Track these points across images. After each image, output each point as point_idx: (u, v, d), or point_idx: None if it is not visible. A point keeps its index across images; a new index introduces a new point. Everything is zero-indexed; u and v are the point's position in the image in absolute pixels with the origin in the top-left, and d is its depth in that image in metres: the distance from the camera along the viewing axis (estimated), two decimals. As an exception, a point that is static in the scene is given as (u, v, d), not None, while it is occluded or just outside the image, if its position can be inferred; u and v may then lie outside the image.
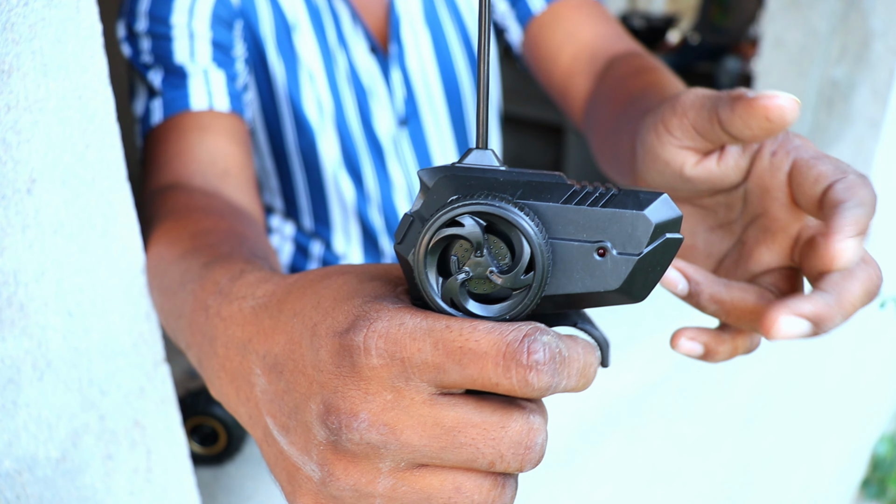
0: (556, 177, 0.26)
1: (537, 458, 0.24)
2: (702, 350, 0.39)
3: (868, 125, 1.19)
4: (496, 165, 0.26)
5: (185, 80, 0.66)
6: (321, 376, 0.25)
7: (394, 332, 0.23)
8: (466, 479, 0.24)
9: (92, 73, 0.40)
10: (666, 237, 0.26)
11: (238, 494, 0.64)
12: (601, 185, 0.27)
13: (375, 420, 0.23)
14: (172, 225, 0.49)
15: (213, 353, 0.32)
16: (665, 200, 0.26)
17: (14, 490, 0.42)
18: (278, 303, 0.29)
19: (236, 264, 0.37)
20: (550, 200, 0.25)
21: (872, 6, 1.13)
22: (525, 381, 0.22)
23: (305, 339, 0.26)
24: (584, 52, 0.73)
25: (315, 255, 0.85)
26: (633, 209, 0.26)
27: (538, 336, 0.23)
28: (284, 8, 0.74)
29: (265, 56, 0.74)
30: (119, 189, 0.43)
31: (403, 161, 0.82)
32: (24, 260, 0.39)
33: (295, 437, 0.26)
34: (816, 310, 0.31)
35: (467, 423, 0.24)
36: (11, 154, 0.37)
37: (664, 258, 0.26)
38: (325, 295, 0.27)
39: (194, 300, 0.36)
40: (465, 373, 0.23)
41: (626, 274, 0.25)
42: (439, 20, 0.81)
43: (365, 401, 0.24)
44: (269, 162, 0.81)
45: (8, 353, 0.40)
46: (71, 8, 0.38)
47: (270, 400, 0.27)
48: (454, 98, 0.83)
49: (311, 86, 0.75)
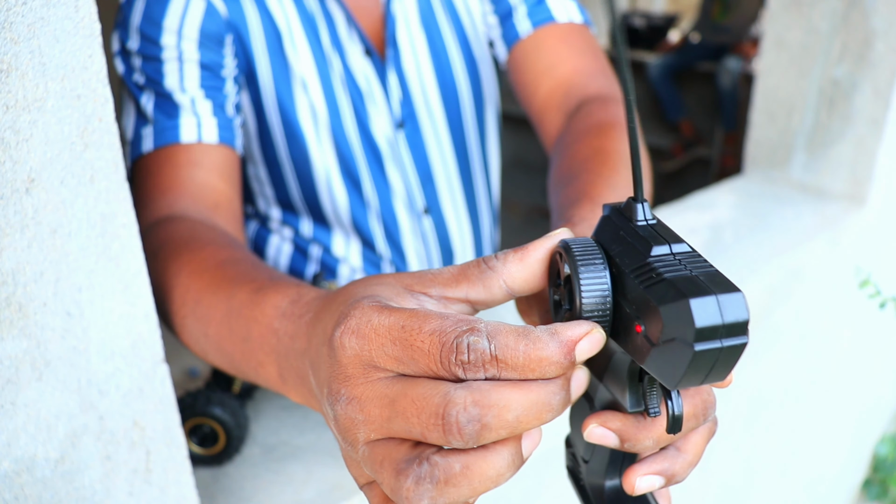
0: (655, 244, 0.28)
1: (456, 430, 0.26)
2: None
3: (869, 125, 1.19)
4: (643, 221, 0.29)
5: (175, 110, 0.67)
6: (325, 369, 0.31)
7: (363, 328, 0.29)
8: (405, 451, 0.28)
9: (91, 73, 0.40)
10: (704, 344, 0.24)
11: (237, 495, 0.64)
12: (696, 263, 0.26)
13: (350, 396, 0.29)
14: (191, 257, 0.53)
15: (290, 367, 0.38)
16: (710, 301, 0.24)
17: (12, 491, 0.42)
18: (317, 314, 0.36)
19: (290, 287, 0.42)
20: (629, 266, 0.28)
21: (874, 5, 1.13)
22: (455, 374, 0.27)
23: (319, 343, 0.33)
24: (561, 88, 0.75)
25: (314, 256, 0.85)
26: (668, 301, 0.25)
27: (465, 337, 0.26)
28: (275, 15, 0.73)
29: (255, 68, 0.74)
30: (118, 189, 0.43)
31: (401, 164, 0.82)
32: (22, 260, 0.39)
33: (327, 421, 0.32)
34: (662, 467, 0.34)
35: (404, 396, 0.27)
36: (10, 154, 0.37)
37: (706, 361, 0.24)
38: (335, 300, 0.33)
39: (259, 326, 0.42)
40: (418, 366, 0.27)
41: (647, 357, 0.27)
42: (436, 22, 0.80)
43: (345, 383, 0.29)
44: (263, 171, 0.81)
45: (6, 353, 0.39)
46: (70, 7, 0.38)
47: (317, 393, 0.33)
48: (451, 100, 0.82)
49: (304, 94, 0.75)
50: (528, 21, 0.78)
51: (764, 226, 1.16)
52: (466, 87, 0.83)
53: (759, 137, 1.35)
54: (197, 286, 0.49)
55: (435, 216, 0.86)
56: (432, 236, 0.87)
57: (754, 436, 1.24)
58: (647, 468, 0.34)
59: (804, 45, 1.23)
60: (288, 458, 0.68)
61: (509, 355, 0.26)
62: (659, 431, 0.32)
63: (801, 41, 1.23)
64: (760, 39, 2.27)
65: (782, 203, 1.25)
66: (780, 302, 1.11)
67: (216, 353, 0.48)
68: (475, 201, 0.90)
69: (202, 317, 0.48)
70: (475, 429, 0.26)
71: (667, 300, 0.25)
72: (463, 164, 0.87)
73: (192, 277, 0.50)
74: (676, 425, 0.29)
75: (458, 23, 0.82)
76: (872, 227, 1.28)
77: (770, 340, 1.14)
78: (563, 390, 0.28)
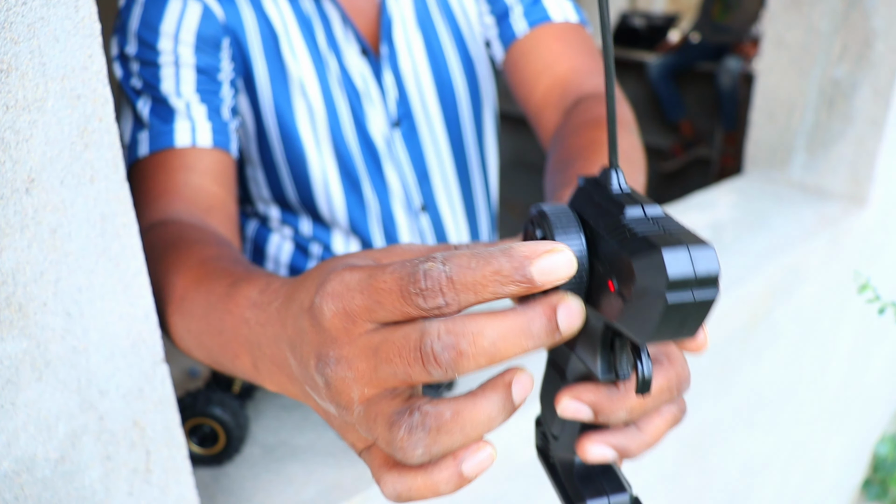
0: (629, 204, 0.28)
1: (433, 358, 0.26)
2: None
3: (869, 125, 1.19)
4: (618, 189, 0.30)
5: (171, 115, 0.68)
6: (309, 340, 0.31)
7: (338, 289, 0.29)
8: (397, 404, 0.28)
9: (91, 73, 0.40)
10: (675, 295, 0.24)
11: (237, 496, 0.64)
12: (669, 223, 0.27)
13: (338, 356, 0.29)
14: (177, 257, 0.54)
15: (263, 355, 0.38)
16: (682, 253, 0.24)
17: (12, 491, 0.42)
18: (287, 297, 0.36)
19: (261, 278, 0.43)
20: (603, 227, 0.28)
21: (874, 5, 1.13)
22: (419, 305, 0.27)
23: (298, 318, 0.33)
24: (558, 86, 0.76)
25: (315, 254, 0.85)
26: (641, 254, 0.25)
27: (421, 267, 0.27)
28: (272, 18, 0.73)
29: (252, 72, 0.74)
30: (118, 189, 0.43)
31: (398, 163, 0.82)
32: (22, 260, 0.39)
33: (318, 393, 0.32)
34: (618, 442, 0.34)
35: (385, 341, 0.28)
36: (10, 154, 0.37)
37: (677, 314, 0.25)
38: (309, 276, 0.34)
39: (231, 317, 0.42)
40: (386, 308, 0.28)
41: (620, 313, 0.27)
42: (432, 21, 0.80)
43: (332, 346, 0.29)
44: (261, 173, 0.81)
45: (6, 353, 0.39)
46: (70, 7, 0.38)
47: (300, 373, 0.33)
48: (447, 98, 0.83)
49: (302, 97, 0.75)
50: (525, 21, 0.79)
51: (764, 226, 1.16)
52: (463, 85, 0.83)
53: (759, 137, 1.35)
54: (182, 284, 0.50)
55: (432, 214, 0.86)
56: (430, 234, 0.87)
57: (754, 436, 1.24)
58: (602, 438, 0.34)
59: (804, 45, 1.23)
60: (288, 458, 0.68)
61: (464, 274, 0.26)
62: (632, 402, 0.32)
63: (801, 41, 1.23)
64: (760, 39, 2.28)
65: (782, 203, 1.25)
66: (780, 302, 1.11)
67: (198, 348, 0.48)
68: (472, 199, 0.91)
69: (186, 313, 0.49)
70: (451, 356, 0.26)
71: (640, 253, 0.25)
72: (460, 162, 0.87)
73: (178, 276, 0.51)
74: (646, 386, 0.29)
75: (454, 22, 0.82)
76: (872, 227, 1.28)
77: (770, 340, 1.14)
78: (544, 317, 0.27)
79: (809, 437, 1.46)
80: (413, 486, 0.29)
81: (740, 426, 1.18)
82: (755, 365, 1.13)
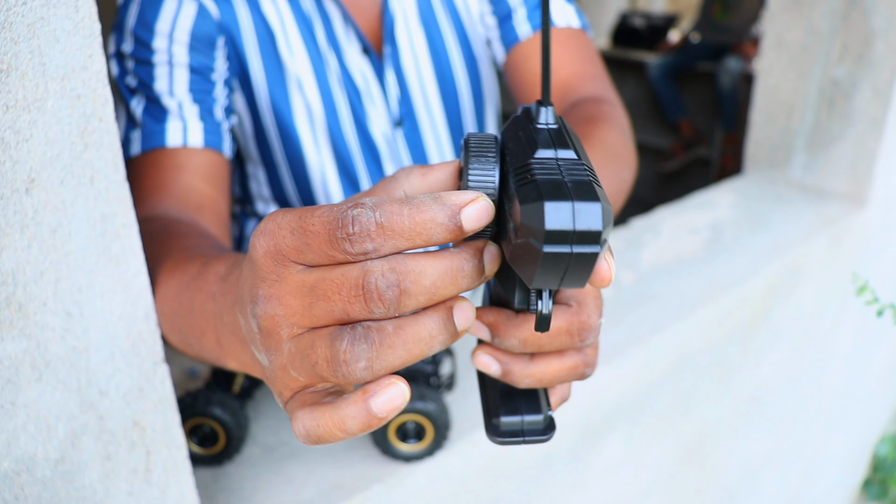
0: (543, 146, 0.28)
1: (377, 296, 0.27)
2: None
3: (869, 124, 1.19)
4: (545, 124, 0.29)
5: (163, 114, 0.68)
6: (246, 284, 0.31)
7: (270, 227, 0.29)
8: (335, 327, 0.28)
9: (91, 73, 0.40)
10: (553, 246, 0.25)
11: (237, 495, 0.64)
12: (574, 171, 0.27)
13: (268, 294, 0.29)
14: (158, 246, 0.54)
15: (223, 326, 0.38)
16: (565, 206, 0.25)
17: (12, 491, 0.42)
18: (242, 261, 0.36)
19: (231, 255, 0.43)
20: (514, 165, 0.28)
21: (874, 5, 1.13)
22: (345, 250, 0.27)
23: (243, 269, 0.32)
24: (558, 90, 0.78)
25: None
26: (528, 201, 0.26)
27: (350, 212, 0.27)
28: (268, 16, 0.73)
29: (248, 70, 0.74)
30: (118, 189, 0.43)
31: (399, 163, 0.82)
32: (22, 260, 0.39)
33: (255, 344, 0.31)
34: (505, 361, 0.36)
35: (322, 280, 0.28)
36: (10, 154, 0.37)
37: (555, 265, 0.25)
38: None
39: (202, 294, 0.42)
40: (314, 251, 0.28)
41: (510, 254, 0.28)
42: (436, 20, 0.80)
43: (262, 284, 0.29)
44: (261, 171, 0.81)
45: (6, 353, 0.39)
46: (70, 7, 0.38)
47: (246, 331, 0.33)
48: (450, 97, 0.82)
49: (300, 94, 0.75)
50: (528, 24, 0.79)
51: (764, 226, 1.16)
52: (466, 85, 0.83)
53: (759, 137, 1.35)
54: (160, 271, 0.50)
55: None
56: None
57: (754, 436, 1.24)
58: (491, 351, 0.36)
59: (804, 45, 1.23)
60: (288, 458, 0.68)
61: (395, 221, 0.27)
62: (526, 333, 0.35)
63: (801, 41, 1.23)
64: (760, 39, 2.28)
65: (782, 203, 1.25)
66: (779, 302, 1.11)
67: (171, 330, 0.48)
68: None
69: (161, 297, 0.49)
70: (395, 294, 0.27)
71: (527, 200, 0.25)
72: None
73: (157, 264, 0.51)
74: (543, 323, 0.29)
75: (457, 21, 0.82)
76: (872, 227, 1.28)
77: (770, 340, 1.14)
78: (475, 258, 0.29)
79: (809, 438, 1.46)
80: (321, 422, 0.28)
81: (740, 426, 1.18)
82: (755, 365, 1.13)
